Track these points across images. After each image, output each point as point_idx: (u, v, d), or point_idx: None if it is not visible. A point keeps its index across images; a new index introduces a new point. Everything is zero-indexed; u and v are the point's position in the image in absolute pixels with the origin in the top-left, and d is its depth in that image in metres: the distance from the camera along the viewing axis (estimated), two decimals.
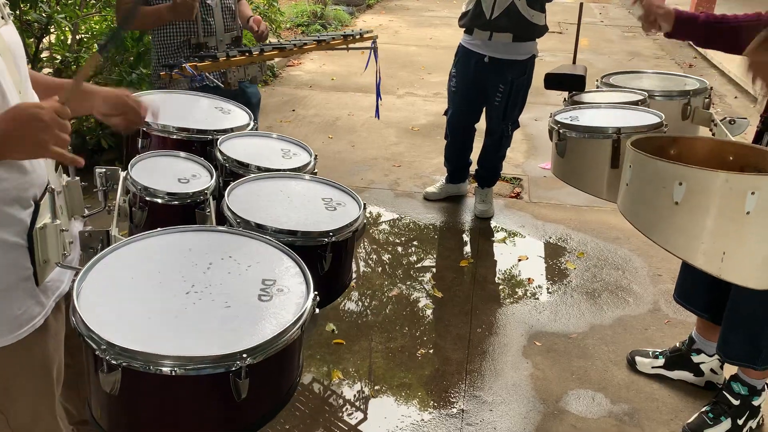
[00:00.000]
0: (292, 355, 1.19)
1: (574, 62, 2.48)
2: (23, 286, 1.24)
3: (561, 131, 2.01)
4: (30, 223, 1.23)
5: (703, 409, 2.27)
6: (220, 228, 1.44)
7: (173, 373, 1.02)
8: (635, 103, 2.15)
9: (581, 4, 2.71)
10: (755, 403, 2.21)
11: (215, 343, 1.07)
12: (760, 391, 2.21)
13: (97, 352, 1.03)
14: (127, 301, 1.15)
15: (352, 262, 1.70)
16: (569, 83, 2.34)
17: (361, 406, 2.38)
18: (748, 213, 1.40)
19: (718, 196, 1.42)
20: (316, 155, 1.94)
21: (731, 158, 1.72)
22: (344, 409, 2.35)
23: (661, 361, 2.52)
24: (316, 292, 1.22)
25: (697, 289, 2.32)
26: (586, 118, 2.08)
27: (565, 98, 2.34)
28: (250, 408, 1.13)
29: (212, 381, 1.06)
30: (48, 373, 1.33)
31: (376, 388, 2.45)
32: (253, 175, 1.73)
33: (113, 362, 1.02)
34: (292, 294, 1.22)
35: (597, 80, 2.47)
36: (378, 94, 3.10)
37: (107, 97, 1.44)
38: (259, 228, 1.45)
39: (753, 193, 1.38)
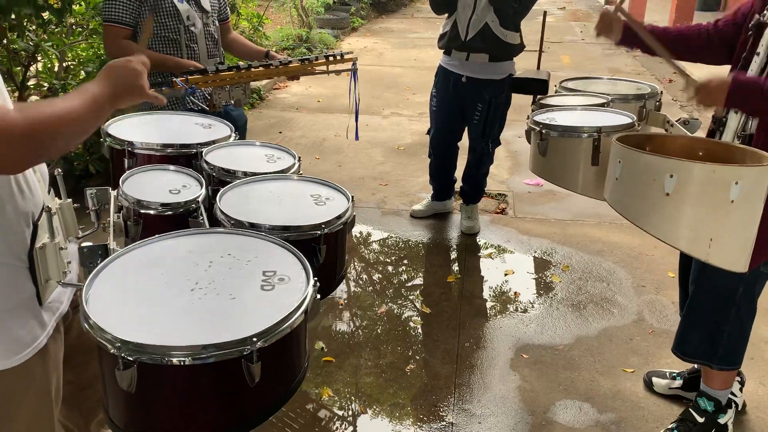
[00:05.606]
0: (298, 340, 1.24)
1: (538, 68, 2.61)
2: (26, 306, 1.25)
3: (543, 131, 2.08)
4: (30, 243, 1.25)
5: (669, 426, 2.26)
6: (217, 229, 1.49)
7: (187, 363, 1.06)
8: (601, 105, 2.24)
9: (545, 12, 2.91)
10: (721, 421, 2.18)
11: (225, 332, 1.10)
12: (725, 408, 2.19)
13: (112, 351, 1.06)
14: (135, 303, 1.19)
15: (345, 254, 1.73)
16: (534, 87, 2.44)
17: (352, 422, 2.39)
18: (732, 201, 1.50)
19: (706, 186, 1.52)
20: (299, 157, 1.98)
21: (701, 153, 1.81)
22: (335, 426, 2.37)
23: (679, 383, 2.47)
24: (316, 278, 1.26)
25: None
26: (563, 119, 2.17)
27: (533, 101, 2.41)
28: (262, 394, 1.16)
29: (225, 368, 1.09)
30: (47, 395, 1.33)
31: (366, 404, 2.47)
32: (241, 179, 1.77)
33: (129, 359, 1.06)
34: (293, 282, 1.27)
35: (555, 85, 2.57)
36: (356, 117, 3.13)
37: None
38: (253, 227, 1.50)
39: (737, 183, 1.49)
